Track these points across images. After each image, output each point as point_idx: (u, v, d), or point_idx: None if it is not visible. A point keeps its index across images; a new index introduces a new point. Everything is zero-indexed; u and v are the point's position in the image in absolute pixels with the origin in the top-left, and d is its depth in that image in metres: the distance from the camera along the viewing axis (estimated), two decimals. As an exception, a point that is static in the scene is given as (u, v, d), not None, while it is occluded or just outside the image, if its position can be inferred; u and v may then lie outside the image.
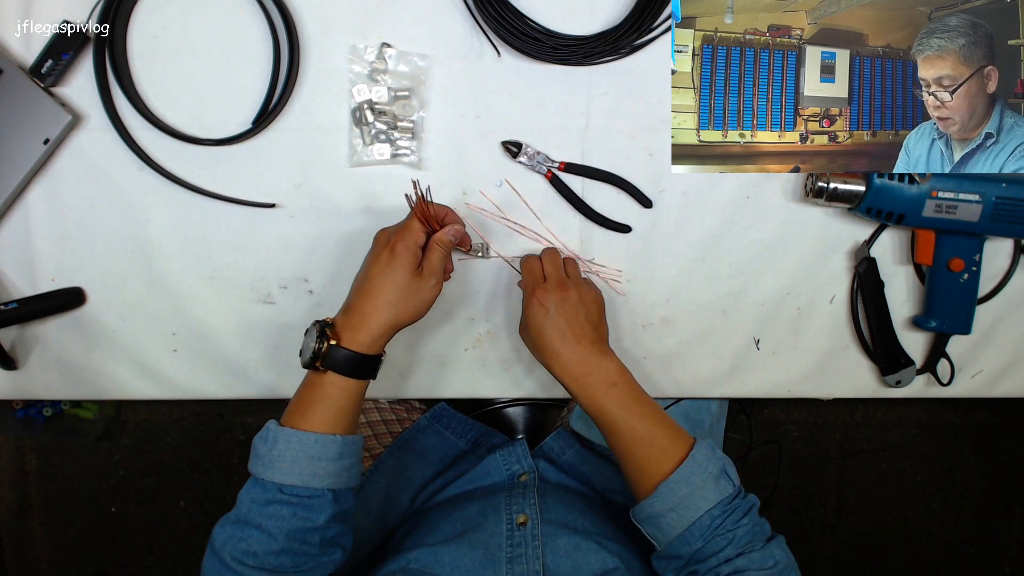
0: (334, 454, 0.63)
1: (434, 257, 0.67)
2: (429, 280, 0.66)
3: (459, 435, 0.94)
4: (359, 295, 0.66)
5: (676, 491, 0.62)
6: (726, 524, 0.61)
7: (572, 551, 0.68)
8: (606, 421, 0.66)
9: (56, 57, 0.70)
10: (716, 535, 0.61)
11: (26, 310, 0.74)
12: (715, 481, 0.63)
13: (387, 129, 0.74)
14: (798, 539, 1.81)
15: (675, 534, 0.62)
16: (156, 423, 1.73)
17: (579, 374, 0.67)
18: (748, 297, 0.79)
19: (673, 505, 0.62)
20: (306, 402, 0.65)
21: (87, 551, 1.76)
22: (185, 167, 0.75)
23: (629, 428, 0.65)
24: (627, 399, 0.67)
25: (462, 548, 0.68)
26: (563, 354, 0.67)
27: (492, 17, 0.71)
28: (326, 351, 0.63)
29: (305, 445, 0.62)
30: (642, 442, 0.65)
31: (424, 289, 0.66)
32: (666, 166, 0.76)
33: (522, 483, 0.79)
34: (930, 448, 1.80)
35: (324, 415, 0.64)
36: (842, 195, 0.73)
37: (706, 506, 0.61)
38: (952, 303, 0.77)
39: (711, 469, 0.63)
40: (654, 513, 0.63)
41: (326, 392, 0.64)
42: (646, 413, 0.66)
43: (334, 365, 0.64)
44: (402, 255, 0.65)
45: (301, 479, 0.62)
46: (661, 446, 0.65)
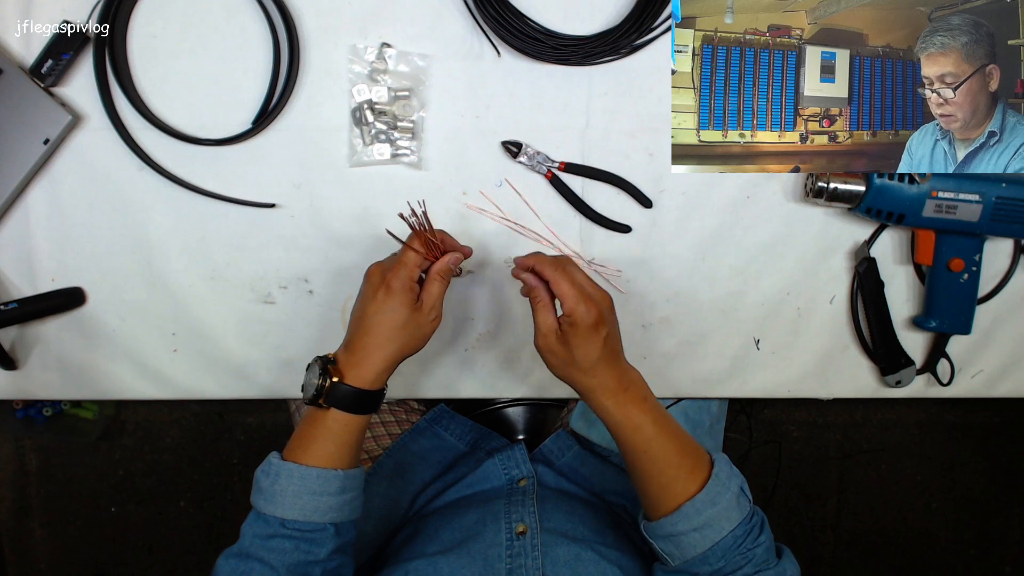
0: (335, 489, 0.63)
1: (434, 289, 0.65)
2: (429, 314, 0.65)
3: (458, 437, 0.94)
4: (358, 333, 0.64)
5: (702, 511, 0.61)
6: (747, 543, 0.61)
7: (572, 561, 0.67)
8: (640, 439, 0.63)
9: (56, 57, 0.70)
10: (737, 554, 0.61)
11: (26, 310, 0.74)
12: (736, 500, 0.62)
13: (387, 129, 0.74)
14: (798, 539, 1.81)
15: (695, 554, 0.61)
16: (156, 423, 1.73)
17: (617, 389, 0.64)
18: (748, 297, 0.79)
19: (698, 525, 0.61)
20: (308, 437, 0.64)
21: (87, 551, 1.76)
22: (185, 167, 0.75)
23: (662, 446, 0.63)
24: (658, 414, 0.64)
25: (461, 559, 0.68)
26: (604, 370, 0.63)
27: (492, 17, 0.71)
28: (329, 388, 0.63)
29: (307, 480, 0.62)
30: (671, 462, 0.63)
31: (424, 323, 0.65)
32: (666, 166, 0.76)
33: (521, 489, 0.79)
34: (930, 448, 1.80)
35: (326, 450, 0.63)
36: (842, 195, 0.73)
37: (729, 526, 0.61)
38: (952, 303, 0.77)
39: (733, 488, 0.62)
40: (675, 532, 0.61)
41: (328, 428, 0.63)
42: (673, 429, 0.64)
43: (337, 402, 0.63)
44: (399, 293, 0.63)
45: (303, 514, 0.62)
46: (689, 465, 0.63)
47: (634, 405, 0.63)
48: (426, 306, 0.64)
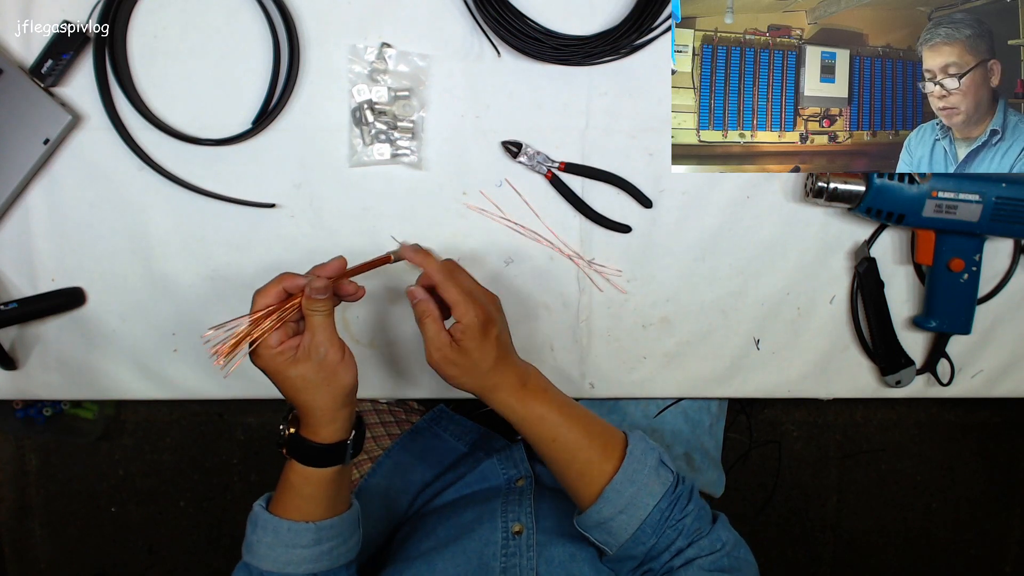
0: (308, 541, 0.62)
1: (315, 324, 0.59)
2: (320, 354, 0.59)
3: (458, 437, 0.94)
4: (292, 400, 0.62)
5: (622, 492, 0.61)
6: (674, 514, 0.61)
7: (567, 561, 0.67)
8: (545, 429, 0.63)
9: (56, 57, 0.70)
10: (667, 528, 0.60)
11: (26, 310, 0.74)
12: (656, 473, 0.62)
13: (387, 129, 0.74)
14: (798, 539, 1.81)
15: (627, 536, 0.61)
16: (156, 423, 1.73)
17: (516, 386, 0.64)
18: (748, 297, 0.79)
19: (622, 507, 0.60)
20: (282, 487, 0.64)
21: (87, 551, 1.76)
22: (185, 167, 0.75)
23: (568, 431, 0.63)
24: (559, 403, 0.64)
25: (456, 557, 0.68)
26: (501, 370, 0.63)
27: (492, 17, 0.71)
28: (287, 438, 0.62)
29: (279, 533, 0.62)
30: (580, 445, 0.63)
31: (326, 364, 0.59)
32: (666, 166, 0.76)
33: (518, 488, 0.79)
34: (930, 448, 1.80)
35: (295, 502, 0.62)
36: (842, 195, 0.73)
37: (653, 501, 0.60)
38: (952, 303, 0.77)
39: (650, 461, 0.62)
40: (602, 519, 0.61)
41: (291, 482, 0.62)
42: (578, 415, 0.64)
43: (297, 454, 0.62)
44: (280, 369, 0.59)
45: (277, 566, 0.61)
46: (599, 446, 0.63)
47: (534, 397, 0.64)
48: (314, 351, 0.59)
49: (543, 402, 0.64)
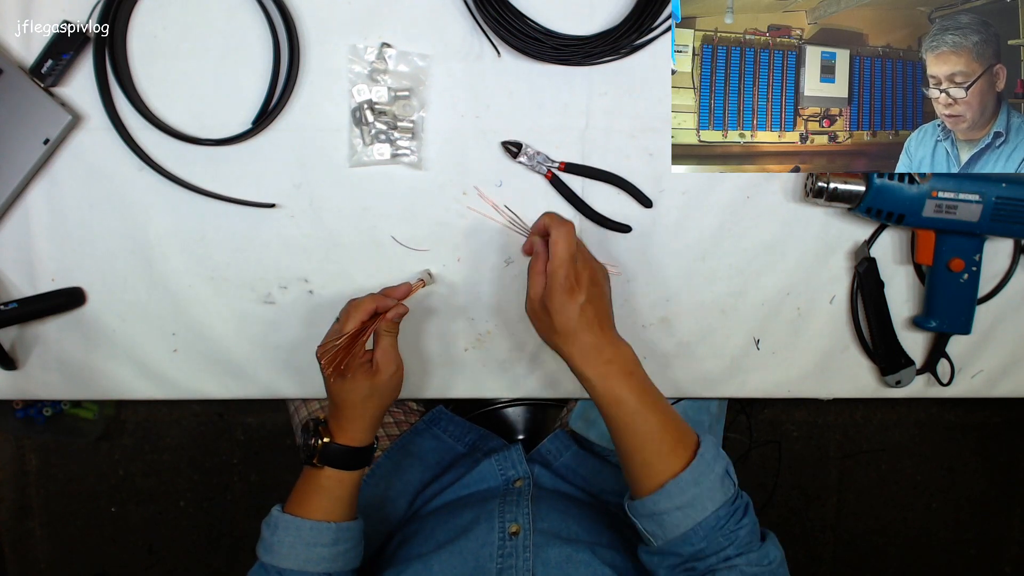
0: (328, 540, 0.67)
1: (385, 344, 0.69)
2: (387, 371, 0.68)
3: (456, 438, 0.94)
4: (334, 408, 0.69)
5: (685, 490, 0.61)
6: (729, 524, 0.61)
7: (563, 563, 0.67)
8: (621, 413, 0.64)
9: (56, 57, 0.70)
10: (719, 535, 0.61)
11: (26, 310, 0.74)
12: (720, 481, 0.62)
13: (387, 129, 0.74)
14: (798, 539, 1.81)
15: (677, 533, 0.61)
16: (156, 423, 1.73)
17: (599, 361, 0.64)
18: (748, 297, 0.79)
19: (681, 504, 0.61)
20: (304, 492, 0.69)
21: (87, 551, 1.76)
22: (185, 167, 0.75)
23: (644, 421, 0.63)
24: (643, 390, 0.65)
25: (453, 558, 0.69)
26: (583, 339, 0.64)
27: (492, 17, 0.71)
28: (320, 448, 0.68)
29: (302, 532, 0.67)
30: (653, 437, 0.63)
31: (386, 382, 0.68)
32: (666, 166, 0.76)
33: (516, 489, 0.79)
34: (930, 448, 1.80)
35: (321, 504, 0.68)
36: (842, 195, 0.73)
37: (713, 507, 0.61)
38: (952, 303, 0.77)
39: (718, 469, 0.63)
40: (658, 511, 0.62)
41: (322, 484, 0.68)
42: (658, 406, 0.65)
43: (329, 460, 0.68)
44: (358, 379, 0.67)
45: (298, 563, 0.66)
46: (672, 442, 0.63)
47: (616, 379, 0.64)
48: (383, 368, 0.68)
49: (625, 385, 0.64)
